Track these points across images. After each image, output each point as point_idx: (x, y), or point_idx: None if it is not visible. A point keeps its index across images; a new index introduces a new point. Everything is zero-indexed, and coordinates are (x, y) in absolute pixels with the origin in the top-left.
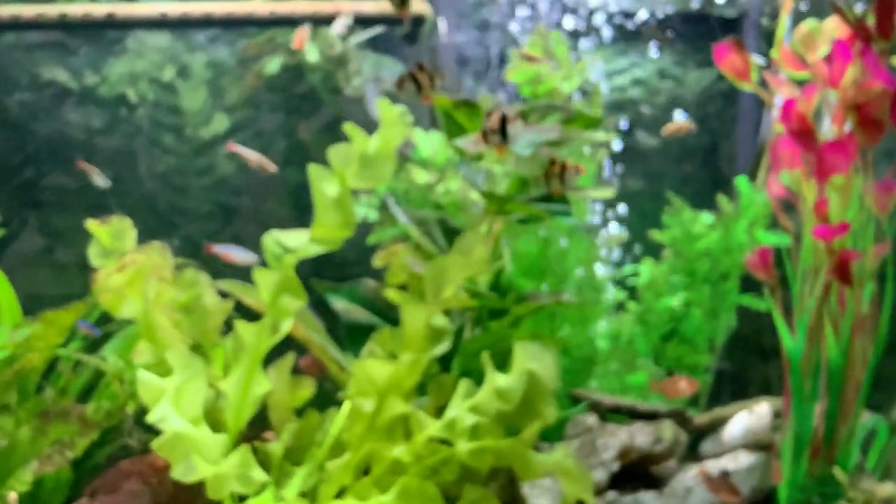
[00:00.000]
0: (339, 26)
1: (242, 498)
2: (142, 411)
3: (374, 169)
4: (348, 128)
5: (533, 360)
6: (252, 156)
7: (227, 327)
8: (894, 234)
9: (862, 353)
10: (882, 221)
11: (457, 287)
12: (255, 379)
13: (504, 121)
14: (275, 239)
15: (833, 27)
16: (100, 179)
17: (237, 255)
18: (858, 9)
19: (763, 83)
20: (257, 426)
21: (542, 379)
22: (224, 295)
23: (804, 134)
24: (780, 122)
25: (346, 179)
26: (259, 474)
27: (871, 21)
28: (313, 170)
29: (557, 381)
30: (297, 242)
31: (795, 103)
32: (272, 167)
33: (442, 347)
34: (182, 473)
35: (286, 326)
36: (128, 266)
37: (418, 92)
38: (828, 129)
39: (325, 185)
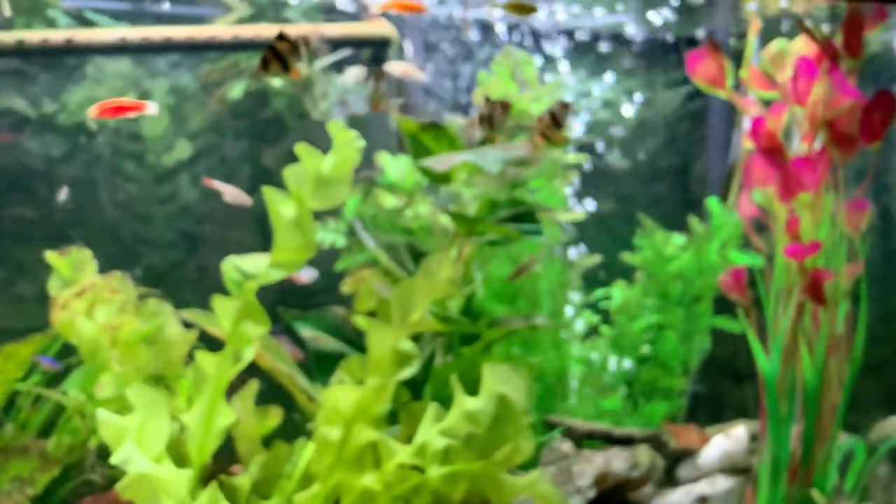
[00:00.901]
0: (351, 76)
1: None
2: (104, 446)
3: (330, 189)
4: (300, 148)
5: (503, 383)
6: (227, 189)
7: (192, 357)
8: (867, 254)
9: (838, 373)
10: (854, 241)
11: (424, 310)
12: (218, 410)
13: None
14: (234, 265)
15: (801, 46)
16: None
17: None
18: (826, 28)
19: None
20: (224, 458)
21: (512, 402)
22: (188, 325)
23: (774, 151)
24: (750, 140)
25: (303, 200)
26: None
27: (838, 40)
28: (269, 192)
29: (529, 404)
30: (257, 267)
31: (765, 121)
32: (248, 200)
33: (409, 371)
34: None
35: (248, 355)
36: (87, 291)
37: (372, 94)
38: (798, 148)
39: (282, 207)
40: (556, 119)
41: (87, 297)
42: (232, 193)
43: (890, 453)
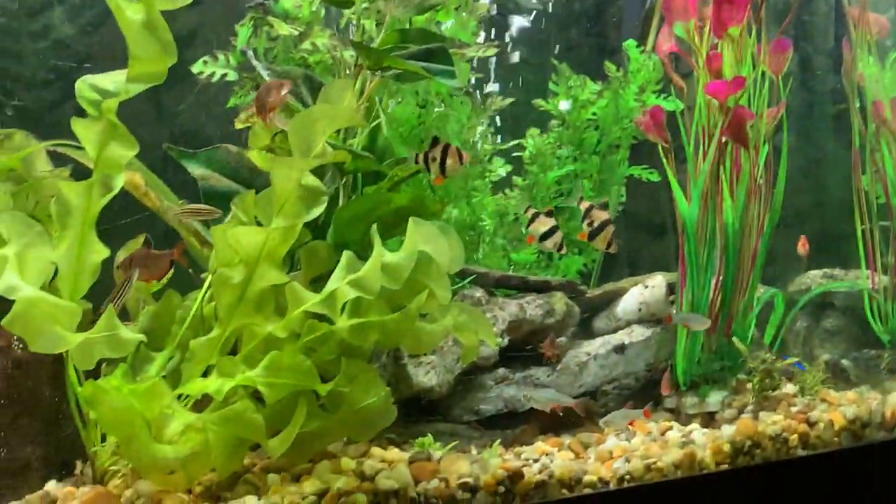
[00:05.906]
0: None
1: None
2: None
3: None
4: None
5: (427, 241)
6: None
7: None
8: (788, 98)
9: (758, 220)
10: (776, 83)
11: (325, 142)
12: (89, 245)
13: None
14: (88, 84)
15: None
16: None
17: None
18: None
19: None
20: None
21: (435, 263)
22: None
23: None
24: None
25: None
26: (128, 334)
27: None
28: (112, 1)
29: (453, 266)
30: (116, 84)
31: None
32: None
33: (318, 210)
34: (45, 346)
35: (118, 182)
36: None
37: None
38: None
39: (127, 13)
40: None
41: None
42: None
43: (808, 307)
